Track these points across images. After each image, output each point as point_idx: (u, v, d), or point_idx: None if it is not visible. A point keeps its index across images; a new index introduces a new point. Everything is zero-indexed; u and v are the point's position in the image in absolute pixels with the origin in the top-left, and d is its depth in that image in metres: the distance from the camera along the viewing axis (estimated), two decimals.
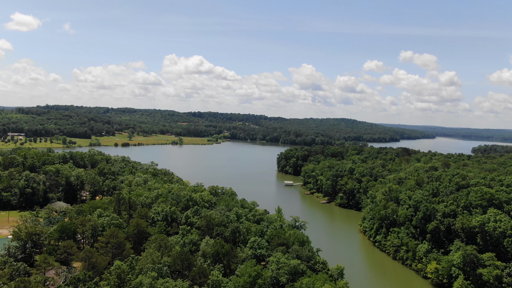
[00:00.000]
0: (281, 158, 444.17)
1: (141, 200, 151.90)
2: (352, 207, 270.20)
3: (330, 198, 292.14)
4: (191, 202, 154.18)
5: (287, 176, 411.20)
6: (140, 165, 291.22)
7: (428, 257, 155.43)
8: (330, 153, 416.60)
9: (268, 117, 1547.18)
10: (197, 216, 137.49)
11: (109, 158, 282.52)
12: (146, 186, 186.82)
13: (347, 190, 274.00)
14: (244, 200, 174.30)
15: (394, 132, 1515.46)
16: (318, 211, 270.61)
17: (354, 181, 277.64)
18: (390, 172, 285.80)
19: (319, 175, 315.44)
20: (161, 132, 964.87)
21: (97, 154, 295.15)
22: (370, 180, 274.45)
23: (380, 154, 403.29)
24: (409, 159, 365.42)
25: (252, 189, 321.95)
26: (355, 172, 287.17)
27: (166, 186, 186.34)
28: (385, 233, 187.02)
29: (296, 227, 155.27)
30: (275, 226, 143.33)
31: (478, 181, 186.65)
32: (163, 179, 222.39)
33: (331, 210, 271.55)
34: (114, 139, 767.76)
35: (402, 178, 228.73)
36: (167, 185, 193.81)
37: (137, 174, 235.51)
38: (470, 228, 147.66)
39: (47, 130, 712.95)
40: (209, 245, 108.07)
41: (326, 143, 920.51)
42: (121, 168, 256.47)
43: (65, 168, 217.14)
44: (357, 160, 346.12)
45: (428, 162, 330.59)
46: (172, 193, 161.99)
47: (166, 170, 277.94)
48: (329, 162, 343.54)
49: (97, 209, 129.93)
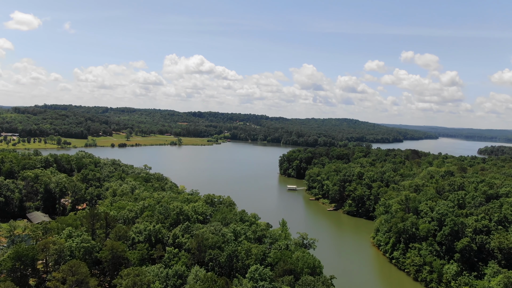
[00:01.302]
0: (284, 161, 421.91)
1: (123, 214, 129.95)
2: (361, 215, 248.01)
3: (337, 205, 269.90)
4: (181, 216, 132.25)
5: (290, 180, 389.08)
6: (132, 168, 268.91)
7: (458, 281, 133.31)
8: (335, 155, 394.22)
9: (269, 117, 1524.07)
10: (188, 234, 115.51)
11: (98, 161, 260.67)
12: (133, 195, 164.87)
13: (356, 197, 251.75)
14: (244, 212, 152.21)
15: (397, 133, 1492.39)
16: (324, 220, 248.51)
17: (364, 186, 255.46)
18: (403, 177, 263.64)
19: (325, 180, 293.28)
20: (160, 132, 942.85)
21: (86, 156, 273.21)
22: (381, 186, 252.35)
23: (389, 156, 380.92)
24: (420, 162, 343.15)
25: (252, 195, 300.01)
26: (364, 177, 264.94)
27: (156, 196, 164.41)
28: (404, 249, 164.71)
29: (304, 245, 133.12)
30: (280, 246, 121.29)
31: (509, 190, 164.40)
32: (154, 185, 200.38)
33: (339, 218, 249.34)
34: (111, 139, 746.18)
35: (419, 185, 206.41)
36: (157, 193, 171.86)
37: (127, 180, 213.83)
38: (510, 249, 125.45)
39: (42, 130, 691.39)
40: (198, 279, 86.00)
41: (329, 144, 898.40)
42: (110, 172, 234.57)
43: (45, 174, 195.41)
44: (365, 163, 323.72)
45: (441, 166, 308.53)
46: (161, 205, 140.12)
47: (160, 175, 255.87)
48: (335, 166, 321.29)
49: (68, 227, 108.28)
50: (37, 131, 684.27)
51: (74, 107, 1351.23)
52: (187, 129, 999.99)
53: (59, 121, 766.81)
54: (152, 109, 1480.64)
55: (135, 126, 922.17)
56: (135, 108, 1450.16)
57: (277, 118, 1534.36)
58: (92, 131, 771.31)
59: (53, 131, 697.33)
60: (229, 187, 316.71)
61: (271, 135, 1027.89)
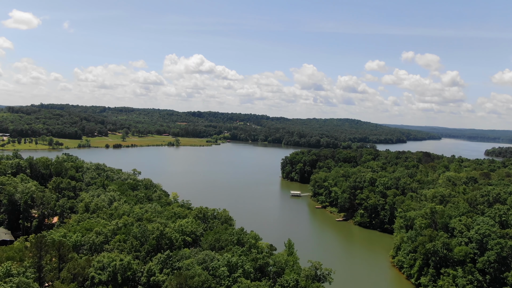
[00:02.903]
0: (286, 163, 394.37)
1: (88, 238, 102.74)
2: (375, 227, 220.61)
3: (347, 215, 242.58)
4: (163, 240, 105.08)
5: (293, 184, 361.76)
6: (119, 174, 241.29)
7: None
8: (342, 158, 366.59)
9: (270, 117, 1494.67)
10: (168, 269, 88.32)
11: (80, 165, 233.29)
12: (109, 209, 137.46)
13: (369, 206, 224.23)
14: (243, 231, 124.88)
15: (400, 133, 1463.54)
16: (334, 232, 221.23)
17: (377, 194, 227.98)
18: (420, 183, 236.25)
19: (333, 186, 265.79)
20: (158, 133, 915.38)
21: (68, 160, 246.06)
22: (396, 193, 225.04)
23: (399, 159, 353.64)
24: (435, 166, 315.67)
25: (253, 203, 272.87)
26: (377, 183, 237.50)
27: (137, 210, 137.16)
28: (434, 274, 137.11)
29: (318, 278, 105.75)
30: (288, 281, 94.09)
31: None
32: (139, 196, 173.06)
33: (350, 231, 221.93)
34: (106, 140, 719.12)
35: (444, 196, 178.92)
36: (140, 207, 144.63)
37: (109, 188, 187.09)
38: None
39: (34, 130, 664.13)
40: None
41: (332, 145, 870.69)
42: (92, 179, 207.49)
43: (13, 182, 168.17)
44: (376, 167, 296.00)
45: (459, 171, 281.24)
46: (139, 225, 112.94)
47: (149, 181, 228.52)
48: (343, 170, 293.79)
49: (8, 261, 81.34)
50: (29, 131, 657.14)
51: (71, 106, 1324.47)
52: (186, 129, 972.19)
53: (52, 120, 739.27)
54: (151, 109, 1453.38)
55: (132, 126, 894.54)
56: (133, 108, 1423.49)
57: (278, 118, 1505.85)
58: (87, 131, 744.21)
59: (46, 131, 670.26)
60: (227, 194, 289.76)
61: (272, 135, 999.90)
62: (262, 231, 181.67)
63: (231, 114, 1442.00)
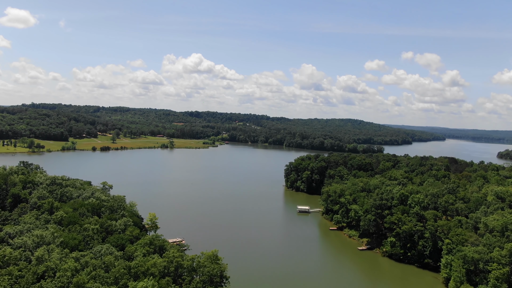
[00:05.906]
0: (291, 171, 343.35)
1: None
2: (411, 260, 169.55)
3: (372, 241, 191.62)
4: None
5: (299, 196, 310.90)
6: (83, 189, 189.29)
7: None
8: (356, 165, 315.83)
9: (270, 117, 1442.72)
10: None
11: (32, 179, 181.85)
12: (27, 264, 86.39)
13: (403, 233, 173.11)
14: None
15: (405, 134, 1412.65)
16: (356, 267, 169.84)
17: (412, 217, 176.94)
18: (465, 202, 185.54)
19: (351, 203, 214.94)
20: (152, 134, 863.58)
21: (18, 171, 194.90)
22: (437, 216, 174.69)
23: (423, 167, 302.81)
24: (469, 175, 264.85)
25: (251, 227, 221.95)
26: (410, 202, 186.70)
27: (69, 265, 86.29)
28: None
29: None
30: None
31: None
32: (87, 231, 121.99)
33: (378, 265, 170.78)
34: (94, 141, 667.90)
35: None
36: (75, 257, 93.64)
37: (56, 214, 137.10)
38: None
39: (15, 131, 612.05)
40: None
41: (337, 147, 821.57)
42: (40, 199, 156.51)
43: None
44: (400, 177, 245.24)
45: (503, 183, 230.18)
46: None
47: (120, 198, 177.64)
48: (362, 181, 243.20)
49: None
50: (10, 132, 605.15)
51: (63, 106, 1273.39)
52: (182, 130, 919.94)
53: (37, 121, 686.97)
54: (147, 109, 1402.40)
55: (124, 126, 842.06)
56: (129, 108, 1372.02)
57: (278, 118, 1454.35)
58: (74, 133, 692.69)
59: (29, 132, 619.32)
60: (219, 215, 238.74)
61: (272, 136, 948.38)
62: (262, 270, 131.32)
63: (230, 114, 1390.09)
